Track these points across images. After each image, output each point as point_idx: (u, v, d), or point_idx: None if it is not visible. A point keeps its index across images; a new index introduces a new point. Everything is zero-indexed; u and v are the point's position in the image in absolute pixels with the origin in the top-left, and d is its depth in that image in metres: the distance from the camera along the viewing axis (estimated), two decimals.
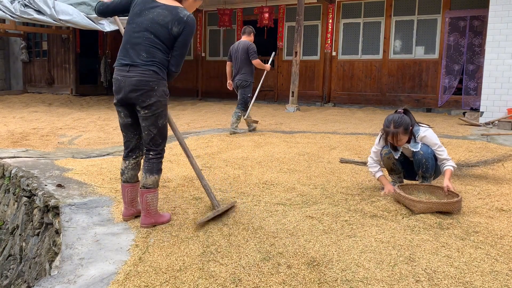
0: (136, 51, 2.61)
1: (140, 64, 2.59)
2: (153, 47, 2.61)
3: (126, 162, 2.86)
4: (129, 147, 2.85)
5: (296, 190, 3.58)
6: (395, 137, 3.23)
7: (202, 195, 3.39)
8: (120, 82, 2.65)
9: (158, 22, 2.61)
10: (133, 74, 2.60)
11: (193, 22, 2.64)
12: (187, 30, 2.63)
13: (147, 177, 2.75)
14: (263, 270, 2.18)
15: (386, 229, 2.70)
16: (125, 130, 2.83)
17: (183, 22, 2.61)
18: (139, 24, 2.64)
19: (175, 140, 5.97)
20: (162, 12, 2.62)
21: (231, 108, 10.61)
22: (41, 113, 9.28)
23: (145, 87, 2.60)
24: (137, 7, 2.68)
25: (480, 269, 2.20)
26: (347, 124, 7.71)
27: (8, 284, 3.44)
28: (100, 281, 2.13)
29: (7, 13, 9.60)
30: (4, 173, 4.39)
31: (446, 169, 3.29)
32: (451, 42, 9.85)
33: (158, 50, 2.62)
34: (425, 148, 3.31)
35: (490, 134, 6.59)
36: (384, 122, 3.30)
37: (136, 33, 2.63)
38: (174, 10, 2.63)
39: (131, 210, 2.91)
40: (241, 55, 6.79)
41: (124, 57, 2.66)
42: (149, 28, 2.61)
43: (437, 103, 10.18)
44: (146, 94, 2.61)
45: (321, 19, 11.50)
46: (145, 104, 2.63)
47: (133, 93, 2.61)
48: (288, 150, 5.18)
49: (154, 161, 2.76)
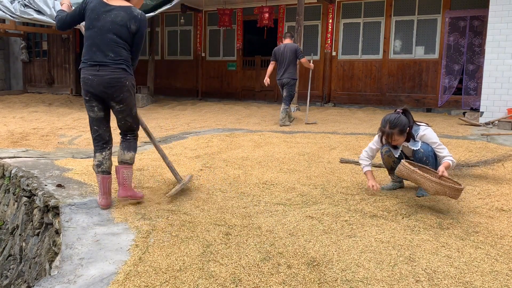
0: (103, 52, 2.90)
1: (109, 64, 2.90)
2: (118, 46, 2.92)
3: (103, 153, 3.11)
4: (105, 139, 3.12)
5: (296, 190, 3.58)
6: (390, 138, 3.25)
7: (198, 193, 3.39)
8: (92, 81, 2.92)
9: (117, 23, 2.91)
10: (104, 73, 2.89)
11: (145, 19, 3.01)
12: (142, 26, 2.97)
13: (125, 154, 3.11)
14: (263, 270, 2.18)
15: (386, 229, 2.70)
16: (98, 124, 3.08)
17: (138, 20, 2.94)
18: (100, 27, 2.92)
19: (175, 140, 5.98)
20: (118, 13, 2.92)
21: (231, 108, 10.61)
22: (41, 113, 9.28)
23: (118, 84, 2.92)
24: (92, 13, 2.95)
25: (480, 269, 2.20)
26: (347, 124, 7.71)
27: (8, 284, 3.44)
28: (100, 281, 2.13)
29: (7, 13, 9.60)
30: (4, 173, 4.39)
31: (445, 160, 3.25)
32: (451, 42, 9.85)
33: (123, 49, 2.94)
34: (425, 146, 3.31)
35: (490, 134, 6.59)
36: (381, 122, 3.31)
37: (99, 36, 2.91)
38: (129, 9, 2.95)
39: (110, 199, 3.14)
40: (289, 56, 7.58)
41: (91, 58, 2.93)
42: (112, 30, 2.90)
43: (437, 103, 10.17)
44: (119, 89, 2.93)
45: (321, 19, 11.49)
46: (119, 99, 2.96)
47: (108, 90, 2.92)
48: (288, 150, 5.18)
49: (131, 141, 3.17)
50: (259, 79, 12.69)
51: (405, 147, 3.41)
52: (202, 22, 13.31)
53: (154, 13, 9.98)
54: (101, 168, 3.09)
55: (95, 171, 3.12)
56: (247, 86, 12.92)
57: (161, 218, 2.90)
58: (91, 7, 2.96)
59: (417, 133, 3.34)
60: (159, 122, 8.04)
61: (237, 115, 9.10)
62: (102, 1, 2.96)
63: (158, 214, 2.98)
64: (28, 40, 15.88)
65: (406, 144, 3.39)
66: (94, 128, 3.10)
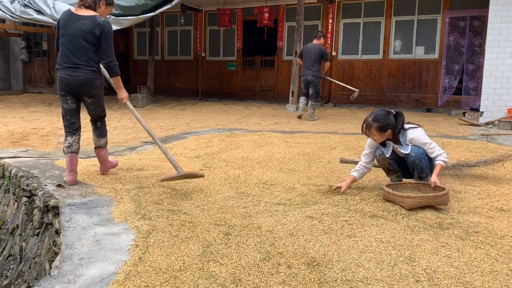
0: (75, 56, 3.47)
1: (82, 66, 3.49)
2: (88, 50, 3.48)
3: (73, 137, 3.72)
4: (75, 127, 3.74)
5: (296, 190, 3.58)
6: (368, 129, 3.26)
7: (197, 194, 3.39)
8: (69, 80, 3.52)
9: (84, 30, 3.44)
10: (78, 74, 3.49)
11: (108, 24, 3.49)
12: (104, 30, 3.46)
13: (100, 140, 3.87)
14: (263, 270, 2.18)
15: (386, 229, 2.70)
16: (70, 114, 3.70)
17: (101, 26, 3.46)
18: (70, 35, 3.47)
19: (175, 140, 5.98)
20: (85, 22, 3.46)
21: (231, 108, 10.61)
22: (41, 113, 9.28)
23: (89, 83, 3.54)
24: (64, 23, 3.52)
25: (480, 269, 2.20)
26: (347, 124, 7.71)
27: (8, 284, 3.44)
28: (100, 281, 2.13)
29: (7, 13, 9.60)
30: (4, 173, 4.39)
31: (436, 163, 3.25)
32: (451, 42, 9.84)
33: (91, 52, 3.50)
34: (416, 149, 3.29)
35: (490, 134, 6.58)
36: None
37: (71, 42, 3.47)
38: (93, 18, 3.48)
39: (75, 176, 3.70)
40: (314, 56, 8.24)
41: (66, 61, 3.50)
42: (80, 36, 3.45)
43: (437, 103, 10.17)
44: (90, 87, 3.56)
45: (321, 19, 11.49)
46: (90, 94, 3.61)
47: (81, 87, 3.54)
48: (288, 150, 5.18)
49: (102, 127, 3.87)
50: (259, 79, 12.70)
51: (396, 148, 3.41)
52: (202, 22, 13.31)
53: (154, 13, 9.99)
54: (70, 149, 3.67)
55: (65, 152, 3.67)
56: (247, 86, 12.92)
57: (161, 218, 2.90)
58: (62, 19, 3.54)
59: (405, 137, 3.32)
60: (159, 122, 8.04)
61: (237, 115, 9.10)
62: (71, 12, 3.53)
63: (158, 214, 2.98)
64: (28, 40, 15.88)
65: (396, 146, 3.38)
66: (67, 117, 3.71)
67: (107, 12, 3.72)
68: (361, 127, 3.40)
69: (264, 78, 12.61)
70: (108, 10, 3.73)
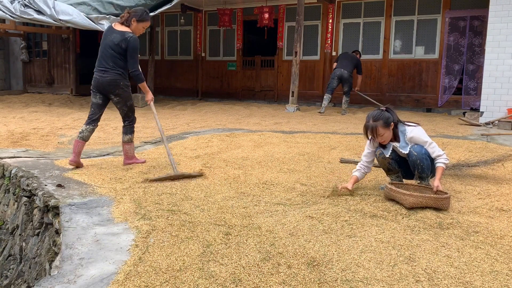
0: (106, 61, 4.20)
1: (109, 69, 4.19)
2: (115, 57, 4.17)
3: (87, 126, 4.32)
4: (93, 118, 4.33)
5: (296, 190, 3.58)
6: (375, 131, 3.22)
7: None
8: (99, 80, 4.23)
9: (114, 42, 4.15)
10: (106, 75, 4.19)
11: (133, 40, 4.14)
12: (130, 45, 4.12)
13: (124, 136, 4.42)
14: (263, 270, 2.18)
15: (386, 229, 2.70)
16: (94, 107, 4.34)
17: (127, 41, 4.13)
18: (105, 45, 4.22)
19: (175, 140, 5.98)
20: (116, 36, 4.17)
21: (231, 108, 10.61)
22: (41, 113, 9.28)
23: (114, 83, 4.20)
24: (104, 36, 4.30)
25: (480, 269, 2.20)
26: (347, 124, 7.71)
27: (8, 284, 3.44)
28: (100, 281, 2.13)
29: (7, 13, 9.60)
30: (4, 173, 4.39)
31: (438, 166, 3.25)
32: (451, 42, 9.84)
33: (118, 59, 4.18)
34: (418, 148, 3.27)
35: (490, 134, 6.58)
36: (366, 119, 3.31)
37: (104, 50, 4.21)
38: (122, 33, 4.17)
39: (77, 159, 4.27)
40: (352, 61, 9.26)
41: (99, 65, 4.25)
42: (110, 47, 4.17)
43: (437, 103, 10.17)
44: (114, 87, 4.21)
45: (321, 19, 11.49)
46: (115, 93, 4.24)
47: (107, 86, 4.21)
48: (288, 150, 5.18)
49: (128, 127, 4.42)
50: (259, 79, 12.70)
51: (396, 148, 3.39)
52: (202, 22, 13.30)
53: (154, 13, 9.98)
54: (81, 134, 4.29)
55: (77, 136, 4.29)
56: (247, 86, 12.92)
57: (161, 218, 2.90)
58: (104, 31, 4.35)
59: (405, 135, 3.31)
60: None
61: (237, 115, 9.10)
62: (111, 27, 4.28)
63: (158, 214, 2.98)
64: (28, 40, 15.87)
65: (396, 145, 3.36)
66: (92, 109, 4.34)
67: (140, 27, 4.28)
68: (364, 134, 3.34)
69: (264, 78, 12.61)
70: (140, 26, 4.27)
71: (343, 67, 9.13)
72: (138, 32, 4.29)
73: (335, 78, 9.22)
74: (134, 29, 4.25)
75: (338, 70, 9.15)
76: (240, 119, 8.47)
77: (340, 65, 9.17)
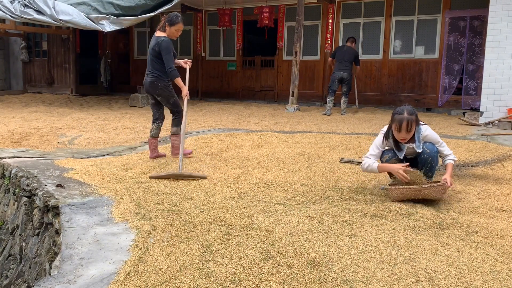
0: (148, 66, 4.74)
1: (149, 73, 4.71)
2: (153, 61, 4.66)
3: (153, 125, 4.85)
4: (155, 117, 4.88)
5: (296, 190, 3.58)
6: (410, 125, 3.08)
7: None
8: (144, 83, 4.77)
9: (151, 47, 4.65)
10: (147, 78, 4.73)
11: (164, 43, 4.55)
12: (161, 46, 4.55)
13: (172, 129, 4.85)
14: (263, 270, 2.18)
15: (386, 229, 2.70)
16: (152, 107, 4.89)
17: (159, 44, 4.57)
18: (148, 51, 4.75)
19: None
20: (153, 41, 4.66)
21: (231, 108, 10.61)
22: (41, 113, 9.28)
23: (153, 85, 4.69)
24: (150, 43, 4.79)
25: (480, 269, 2.20)
26: (347, 124, 7.71)
27: (8, 284, 3.44)
28: (100, 281, 2.13)
29: (7, 13, 9.60)
30: (4, 173, 4.39)
31: (448, 163, 3.30)
32: (451, 42, 9.84)
33: (155, 63, 4.65)
34: (430, 146, 3.30)
35: (490, 134, 6.58)
36: (396, 111, 3.15)
37: (148, 56, 4.74)
38: (156, 38, 4.63)
39: (155, 153, 4.80)
40: (350, 57, 9.26)
41: (146, 69, 4.76)
42: (150, 52, 4.69)
43: (437, 103, 10.17)
44: (154, 88, 4.70)
45: (321, 19, 11.49)
46: (156, 93, 4.73)
47: (149, 88, 4.74)
48: (288, 150, 5.18)
49: (175, 120, 4.86)
50: (259, 79, 12.70)
51: (410, 148, 3.37)
52: (202, 22, 13.30)
53: (154, 13, 9.99)
54: (151, 133, 4.80)
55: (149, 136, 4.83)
56: (247, 86, 12.92)
57: (161, 218, 2.90)
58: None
59: (419, 133, 3.31)
60: None
61: (237, 115, 9.10)
62: (153, 34, 4.74)
63: (158, 214, 2.98)
64: (28, 40, 15.86)
65: (411, 145, 3.34)
66: (151, 109, 4.92)
67: (173, 31, 4.62)
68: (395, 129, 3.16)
69: (264, 78, 12.61)
70: (173, 29, 4.60)
71: (342, 69, 9.21)
72: (173, 35, 4.65)
73: (335, 80, 9.34)
74: (169, 33, 4.63)
75: (338, 73, 9.24)
76: (240, 119, 8.47)
77: (339, 67, 9.24)
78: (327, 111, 9.35)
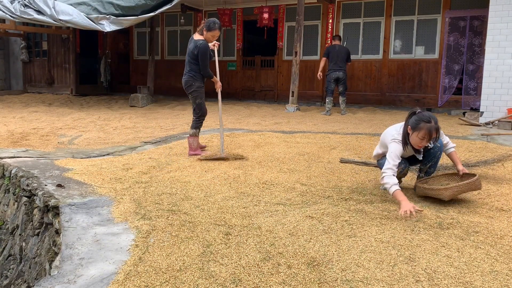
0: (185, 66, 5.00)
1: (186, 73, 5.00)
2: (190, 63, 4.95)
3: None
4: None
5: (296, 190, 3.58)
6: (437, 134, 3.09)
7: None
8: (182, 82, 5.05)
9: (190, 49, 4.91)
10: (184, 77, 5.02)
11: (202, 47, 4.80)
12: (199, 51, 4.81)
13: (190, 130, 5.09)
14: (263, 270, 2.18)
15: (386, 229, 2.70)
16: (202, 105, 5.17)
17: (198, 47, 4.82)
18: (187, 52, 5.01)
19: (175, 140, 5.98)
20: (191, 44, 4.91)
21: (231, 108, 10.61)
22: (41, 113, 9.28)
23: (188, 84, 5.01)
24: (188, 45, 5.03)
25: (480, 269, 2.20)
26: (347, 124, 7.71)
27: (8, 284, 3.44)
28: (100, 281, 2.13)
29: (7, 13, 9.60)
30: (4, 173, 4.39)
31: (452, 151, 3.39)
32: (451, 42, 9.84)
33: (192, 64, 4.93)
34: (440, 141, 3.34)
35: (490, 134, 6.58)
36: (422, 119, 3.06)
37: (186, 56, 5.01)
38: (195, 42, 4.87)
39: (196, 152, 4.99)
40: (343, 55, 9.29)
41: (184, 69, 5.01)
42: (188, 53, 4.96)
43: (437, 103, 10.17)
44: (189, 87, 5.01)
45: (321, 19, 11.49)
46: (189, 92, 5.05)
47: (185, 87, 5.04)
48: (288, 150, 5.18)
49: (194, 121, 5.11)
50: (259, 79, 12.70)
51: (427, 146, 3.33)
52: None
53: (154, 13, 9.99)
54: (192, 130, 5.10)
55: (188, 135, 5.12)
56: (247, 86, 12.92)
57: (161, 218, 2.90)
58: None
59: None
60: (159, 122, 8.04)
61: (237, 115, 9.10)
62: (192, 36, 4.98)
63: (158, 214, 2.98)
64: (28, 40, 15.86)
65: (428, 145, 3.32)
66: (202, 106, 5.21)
67: (209, 36, 4.87)
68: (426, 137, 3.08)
69: (264, 78, 12.61)
70: (209, 35, 4.86)
71: (338, 69, 9.24)
72: (209, 40, 4.91)
73: (331, 81, 9.34)
74: (206, 37, 4.89)
75: (333, 73, 9.26)
76: (240, 119, 8.47)
77: (334, 67, 9.26)
78: (327, 112, 9.35)
